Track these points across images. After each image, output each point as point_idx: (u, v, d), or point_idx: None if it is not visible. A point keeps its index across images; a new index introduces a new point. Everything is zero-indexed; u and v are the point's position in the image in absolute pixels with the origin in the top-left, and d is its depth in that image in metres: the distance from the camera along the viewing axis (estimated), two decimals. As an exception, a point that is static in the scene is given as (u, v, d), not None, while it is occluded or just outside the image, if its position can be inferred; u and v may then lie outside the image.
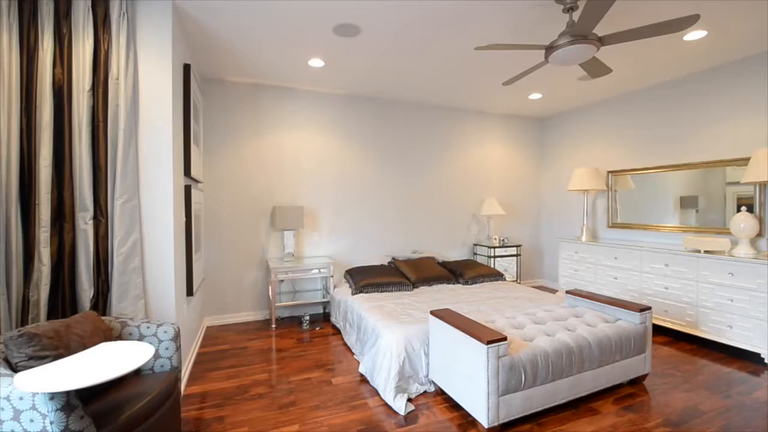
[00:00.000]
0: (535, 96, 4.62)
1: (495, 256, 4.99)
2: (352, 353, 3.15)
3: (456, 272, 4.23)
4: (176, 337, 2.04)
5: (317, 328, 3.79)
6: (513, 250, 5.14)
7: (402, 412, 2.22)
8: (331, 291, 3.96)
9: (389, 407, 2.31)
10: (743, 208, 3.37)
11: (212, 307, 3.93)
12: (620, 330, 2.45)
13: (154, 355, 1.99)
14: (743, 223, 3.18)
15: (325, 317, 4.17)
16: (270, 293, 3.76)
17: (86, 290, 2.16)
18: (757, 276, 2.94)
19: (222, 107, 3.93)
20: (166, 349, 2.00)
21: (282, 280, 4.07)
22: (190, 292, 2.86)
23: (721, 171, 3.58)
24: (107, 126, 2.21)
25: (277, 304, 3.79)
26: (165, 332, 2.02)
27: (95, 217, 2.20)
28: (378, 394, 2.46)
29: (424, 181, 4.94)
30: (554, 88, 4.30)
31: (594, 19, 2.09)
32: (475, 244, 5.29)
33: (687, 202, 3.87)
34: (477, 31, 2.87)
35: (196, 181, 3.35)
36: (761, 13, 2.63)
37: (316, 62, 3.47)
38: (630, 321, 2.57)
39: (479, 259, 5.21)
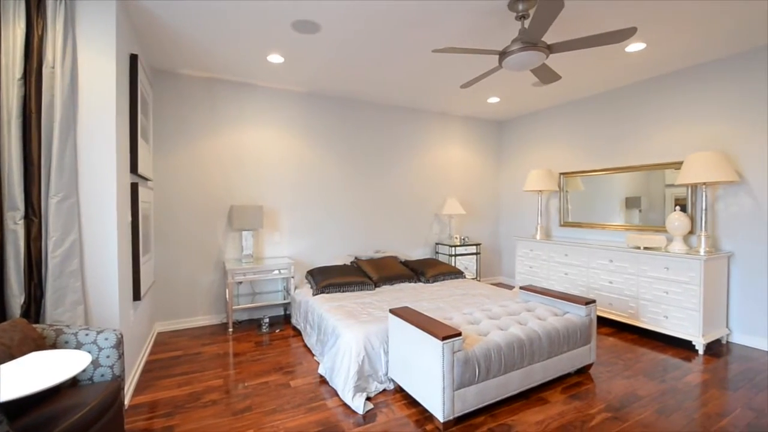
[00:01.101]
0: (494, 99, 4.78)
1: (456, 255, 5.11)
2: (313, 354, 3.11)
3: (418, 271, 4.29)
4: (119, 344, 1.92)
5: (277, 331, 3.70)
6: (473, 249, 5.29)
7: (361, 411, 2.22)
8: (292, 292, 3.88)
9: (348, 407, 2.30)
10: (677, 207, 3.67)
11: (164, 311, 3.73)
12: (568, 323, 2.59)
13: (94, 363, 1.86)
14: (677, 221, 3.46)
15: (286, 319, 4.08)
16: (227, 296, 3.63)
17: (16, 296, 1.98)
18: (689, 270, 3.21)
19: (175, 101, 3.75)
20: (108, 357, 1.88)
21: (240, 282, 3.94)
22: (137, 296, 2.70)
23: (660, 173, 3.87)
24: (41, 117, 2.04)
25: (234, 307, 3.67)
26: (106, 339, 1.89)
27: (27, 217, 2.02)
28: (337, 395, 2.44)
29: (387, 180, 4.97)
30: (511, 92, 4.47)
31: (542, 27, 2.20)
32: (437, 243, 5.39)
33: (631, 203, 4.16)
34: (436, 33, 2.93)
35: (145, 179, 3.18)
36: (693, 30, 2.87)
37: (275, 58, 3.39)
38: (577, 314, 2.72)
39: (441, 258, 5.31)
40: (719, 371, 2.83)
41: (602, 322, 4.00)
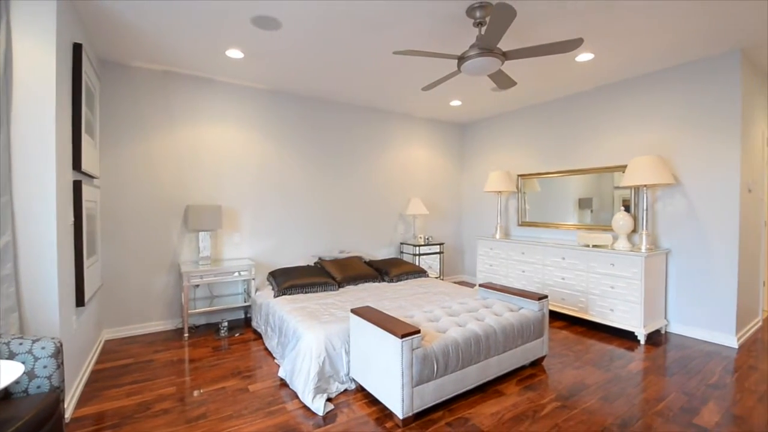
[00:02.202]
0: (456, 103, 4.91)
1: (420, 254, 5.19)
2: (273, 358, 3.04)
3: (382, 270, 4.32)
4: (57, 353, 1.79)
5: (237, 335, 3.59)
6: (437, 248, 5.39)
7: (321, 413, 2.21)
8: (253, 294, 3.78)
9: (308, 409, 2.28)
10: (622, 208, 3.94)
11: (113, 317, 3.51)
12: (522, 317, 2.71)
13: (29, 374, 1.73)
14: (622, 221, 3.72)
15: (247, 322, 3.97)
16: (183, 299, 3.48)
17: (-65, 304, 1.80)
18: (632, 266, 3.45)
19: (126, 95, 3.54)
20: (45, 367, 1.75)
21: (197, 285, 3.79)
22: (80, 302, 2.52)
23: (610, 176, 4.13)
24: (-34, 109, 1.87)
25: (191, 311, 3.52)
26: (43, 348, 1.76)
27: (-52, 217, 1.84)
28: (297, 397, 2.41)
29: (352, 181, 4.96)
30: (472, 96, 4.61)
31: (497, 34, 2.29)
32: (402, 243, 5.45)
33: (584, 203, 4.41)
34: (397, 35, 2.97)
35: (90, 177, 2.98)
36: (635, 44, 3.10)
37: (234, 53, 3.30)
38: (531, 309, 2.85)
39: (405, 258, 5.38)
40: (658, 359, 3.06)
41: (556, 316, 4.21)
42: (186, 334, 3.52)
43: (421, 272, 4.43)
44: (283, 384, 2.60)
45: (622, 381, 2.68)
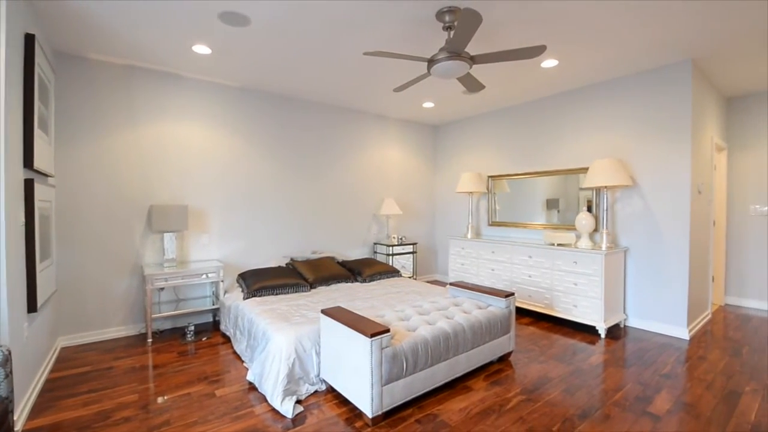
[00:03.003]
0: (429, 104, 4.98)
1: (393, 254, 5.23)
2: (242, 361, 2.98)
3: (354, 271, 4.32)
4: (5, 362, 1.69)
5: (204, 339, 3.49)
6: (410, 248, 5.44)
7: (290, 415, 2.18)
8: (222, 297, 3.69)
9: (277, 412, 2.25)
10: (584, 208, 4.12)
11: (70, 324, 3.34)
12: (490, 315, 2.78)
13: (-29, 386, 1.62)
14: (584, 220, 3.88)
15: (215, 326, 3.87)
16: (146, 303, 3.34)
17: None
18: (593, 263, 3.61)
19: (85, 89, 3.37)
20: (-10, 377, 1.64)
21: (162, 288, 3.66)
22: (32, 307, 2.38)
23: (575, 177, 4.30)
24: None
25: (155, 316, 3.39)
26: (-12, 357, 1.65)
27: None
28: (266, 401, 2.37)
29: (325, 180, 4.93)
30: (444, 98, 4.69)
31: (464, 39, 2.34)
32: (375, 243, 5.47)
33: (551, 204, 4.57)
34: (368, 36, 2.98)
35: (44, 175, 2.82)
36: (596, 52, 3.24)
37: (201, 49, 3.21)
38: (498, 306, 2.94)
39: (379, 258, 5.40)
40: (617, 352, 3.22)
41: (523, 312, 4.35)
42: (149, 340, 3.39)
43: (394, 272, 4.46)
44: (252, 387, 2.56)
45: (583, 374, 2.80)
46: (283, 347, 2.41)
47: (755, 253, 4.47)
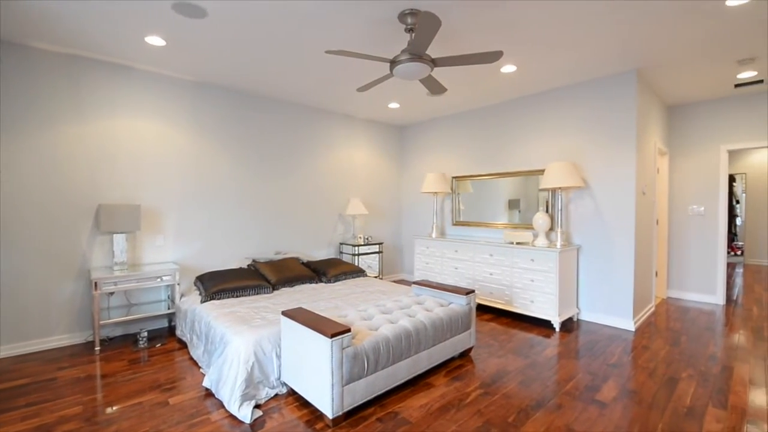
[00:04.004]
0: (394, 105, 5.01)
1: (359, 254, 5.22)
2: (199, 367, 2.87)
3: (319, 271, 4.27)
4: None
5: (158, 345, 3.33)
6: (376, 248, 5.46)
7: (248, 421, 2.13)
8: (177, 301, 3.53)
9: (235, 418, 2.18)
10: (541, 208, 4.30)
11: (7, 333, 3.06)
12: (451, 312, 2.85)
13: None
14: (541, 220, 4.06)
15: (171, 331, 3.70)
16: (93, 309, 3.14)
17: None
18: (549, 261, 3.78)
19: (24, 80, 3.11)
20: None
21: (111, 293, 3.45)
22: (-42, 316, 2.17)
23: (535, 179, 4.48)
24: None
25: (103, 322, 3.19)
26: None
27: None
28: (223, 407, 2.30)
29: (290, 180, 4.84)
30: (409, 100, 4.74)
31: (425, 41, 2.38)
32: (341, 243, 5.44)
33: (513, 204, 4.73)
34: (330, 34, 2.96)
35: (-26, 172, 2.58)
36: (551, 60, 3.40)
37: (155, 40, 3.05)
38: (459, 303, 3.01)
39: (345, 258, 5.37)
40: (570, 344, 3.39)
41: (485, 309, 4.48)
42: (97, 348, 3.18)
43: (359, 272, 4.46)
44: (209, 394, 2.47)
45: (538, 366, 2.92)
46: (242, 351, 2.34)
47: (693, 249, 4.86)
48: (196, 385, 2.59)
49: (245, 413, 2.15)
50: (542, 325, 3.90)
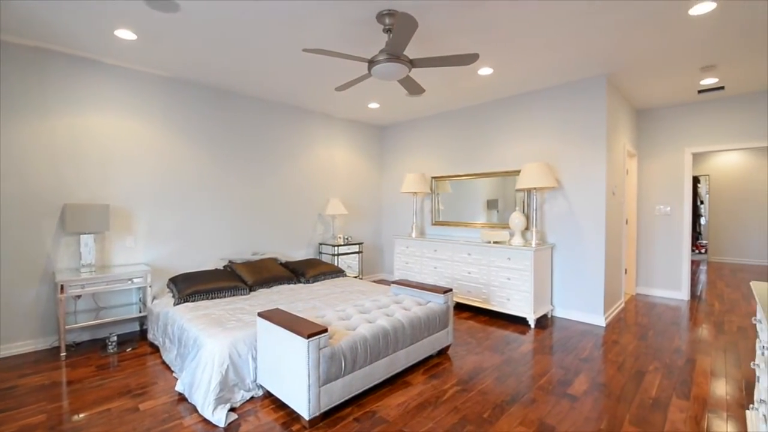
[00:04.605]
0: (374, 105, 5.01)
1: (339, 254, 5.20)
2: (172, 371, 2.79)
3: (298, 272, 4.23)
4: None
5: (128, 350, 3.21)
6: (356, 248, 5.45)
7: (222, 424, 2.08)
8: (149, 303, 3.42)
9: (209, 422, 2.13)
10: (517, 208, 4.40)
11: (-39, 340, 2.90)
12: (429, 310, 2.88)
13: None
14: (517, 219, 4.15)
15: (142, 335, 3.58)
16: (59, 313, 3.00)
17: None
18: (524, 259, 3.87)
19: (-21, 72, 2.95)
20: None
21: (79, 296, 3.31)
22: None
23: (513, 179, 4.57)
24: None
25: (69, 327, 3.05)
26: None
27: None
28: (197, 411, 2.24)
29: (268, 179, 4.77)
30: (389, 100, 4.75)
31: (402, 42, 2.40)
32: (320, 244, 5.40)
33: (491, 204, 4.81)
34: (308, 33, 2.94)
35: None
36: (525, 64, 3.48)
37: (125, 34, 2.95)
38: (437, 302, 3.04)
39: (324, 258, 5.34)
40: (544, 340, 3.48)
41: (463, 308, 4.54)
42: (63, 354, 3.04)
43: (338, 272, 4.44)
44: (182, 398, 2.40)
45: (513, 362, 2.99)
46: (216, 353, 2.29)
47: (660, 247, 5.08)
48: (168, 390, 2.51)
49: (219, 417, 2.10)
50: (518, 322, 3.98)
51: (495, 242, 4.23)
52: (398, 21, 2.16)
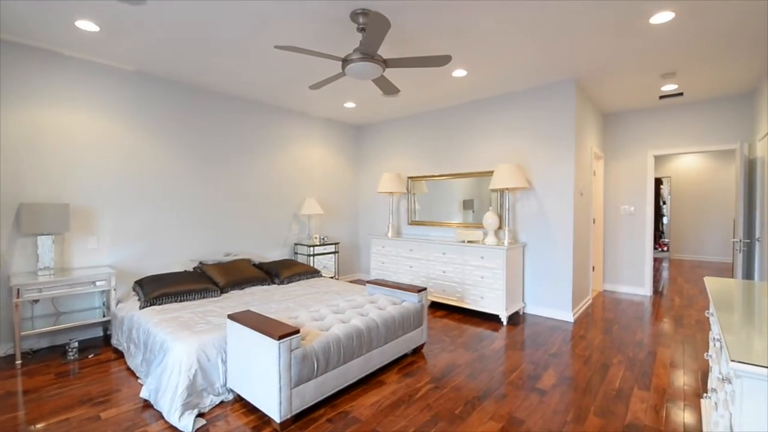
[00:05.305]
0: (350, 105, 4.99)
1: (315, 255, 5.15)
2: (137, 378, 2.68)
3: (272, 273, 4.16)
4: None
5: (90, 356, 3.07)
6: (332, 248, 5.41)
7: (189, 430, 2.02)
8: (113, 307, 3.28)
9: (175, 429, 2.06)
10: (490, 208, 4.49)
11: None
12: (403, 309, 2.89)
13: None
14: (490, 219, 4.23)
15: (106, 340, 3.43)
16: (14, 319, 2.83)
17: None
18: (497, 258, 3.96)
19: None
20: None
21: (36, 301, 3.13)
22: None
23: (487, 180, 4.65)
24: None
25: (26, 333, 2.88)
26: None
27: None
28: (163, 418, 2.17)
29: (242, 179, 4.66)
30: (365, 100, 4.75)
31: (375, 42, 2.40)
32: (296, 244, 5.33)
33: (467, 204, 4.88)
34: (284, 30, 2.89)
35: None
36: (497, 67, 3.55)
37: (87, 25, 2.82)
38: (411, 301, 3.06)
39: (300, 258, 5.27)
40: (516, 337, 3.57)
41: (438, 306, 4.60)
42: (18, 362, 2.88)
43: (314, 272, 4.39)
44: (147, 405, 2.31)
45: (485, 359, 3.05)
46: (183, 358, 2.22)
47: (625, 246, 5.30)
48: (132, 397, 2.42)
49: (186, 423, 2.04)
50: (491, 320, 4.07)
51: (469, 242, 4.30)
52: (370, 20, 2.16)
